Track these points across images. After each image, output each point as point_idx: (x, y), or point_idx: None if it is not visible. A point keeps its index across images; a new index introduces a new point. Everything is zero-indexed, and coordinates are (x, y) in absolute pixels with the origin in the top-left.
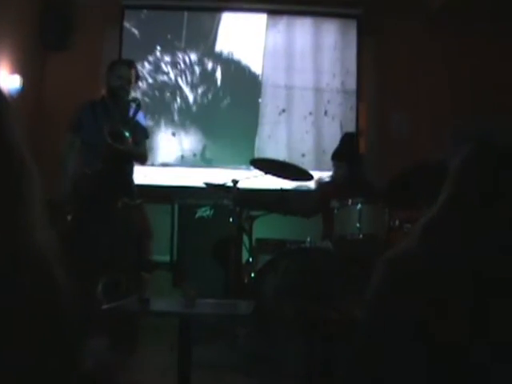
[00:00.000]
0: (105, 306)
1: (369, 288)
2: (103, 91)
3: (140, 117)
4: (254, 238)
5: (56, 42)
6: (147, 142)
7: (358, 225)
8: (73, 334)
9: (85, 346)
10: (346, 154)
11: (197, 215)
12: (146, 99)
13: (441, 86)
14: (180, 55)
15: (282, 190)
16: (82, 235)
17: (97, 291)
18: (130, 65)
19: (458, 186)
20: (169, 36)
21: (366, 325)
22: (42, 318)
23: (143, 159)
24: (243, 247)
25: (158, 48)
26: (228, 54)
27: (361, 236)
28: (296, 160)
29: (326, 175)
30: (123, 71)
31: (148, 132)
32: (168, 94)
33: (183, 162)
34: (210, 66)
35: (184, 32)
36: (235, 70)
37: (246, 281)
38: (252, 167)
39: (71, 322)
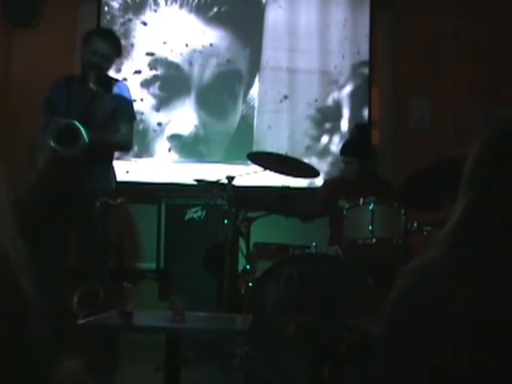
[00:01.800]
0: (81, 321)
1: (388, 301)
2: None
3: (124, 90)
4: (251, 242)
5: (23, 18)
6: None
7: (370, 228)
8: (43, 353)
9: (57, 367)
10: (357, 147)
11: (187, 217)
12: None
13: (468, 69)
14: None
15: (283, 188)
16: (52, 240)
17: (71, 304)
18: (107, 36)
19: (483, 180)
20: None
21: (389, 344)
22: (6, 336)
23: (124, 147)
24: (239, 253)
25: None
26: (221, 31)
27: (374, 240)
28: (300, 154)
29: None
30: (98, 45)
31: (134, 112)
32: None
33: (171, 155)
34: (201, 47)
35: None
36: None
37: (242, 291)
38: (249, 162)
39: (41, 340)
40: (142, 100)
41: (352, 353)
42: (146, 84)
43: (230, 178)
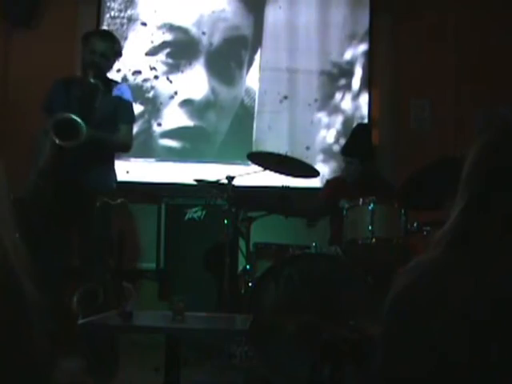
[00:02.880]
0: (81, 321)
1: (387, 300)
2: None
3: (124, 91)
4: (251, 242)
5: (23, 18)
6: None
7: (370, 228)
8: (43, 353)
9: (57, 368)
10: (358, 147)
11: (186, 217)
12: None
13: (468, 69)
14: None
15: (283, 188)
16: (53, 240)
17: (71, 304)
18: (106, 36)
19: (481, 181)
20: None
21: (387, 344)
22: (6, 335)
23: (124, 147)
24: (239, 253)
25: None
26: (221, 31)
27: (374, 240)
28: (300, 154)
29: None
30: (97, 44)
31: (134, 114)
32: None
33: (171, 155)
34: (201, 46)
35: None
36: (227, 52)
37: (242, 291)
38: (249, 162)
39: (41, 340)
40: (152, 68)
41: (352, 353)
42: (155, 50)
43: (230, 178)
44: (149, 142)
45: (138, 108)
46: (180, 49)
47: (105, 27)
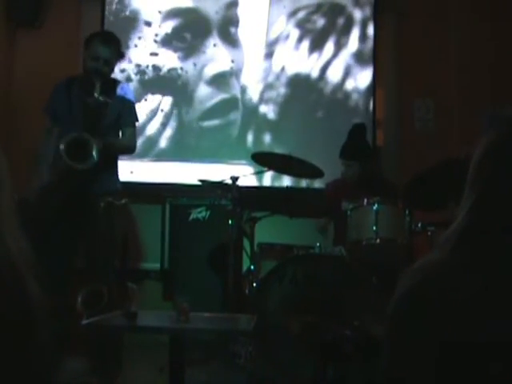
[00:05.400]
0: (85, 321)
1: (392, 300)
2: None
3: (127, 91)
4: (255, 242)
5: (27, 18)
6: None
7: (374, 228)
8: (47, 353)
9: (61, 367)
10: (355, 150)
11: (191, 217)
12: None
13: (472, 69)
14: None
15: (288, 189)
16: (57, 241)
17: (76, 304)
18: (109, 40)
19: (487, 181)
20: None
21: (392, 344)
22: (10, 336)
23: (128, 151)
24: (244, 253)
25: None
26: (227, 33)
27: (378, 241)
28: (304, 154)
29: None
30: (99, 49)
31: (137, 115)
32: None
33: (175, 155)
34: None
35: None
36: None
37: (246, 292)
38: (254, 162)
39: (45, 340)
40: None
41: (356, 353)
42: (170, 38)
43: (235, 179)
44: (189, 125)
45: (168, 100)
46: (192, 27)
47: (110, 26)
